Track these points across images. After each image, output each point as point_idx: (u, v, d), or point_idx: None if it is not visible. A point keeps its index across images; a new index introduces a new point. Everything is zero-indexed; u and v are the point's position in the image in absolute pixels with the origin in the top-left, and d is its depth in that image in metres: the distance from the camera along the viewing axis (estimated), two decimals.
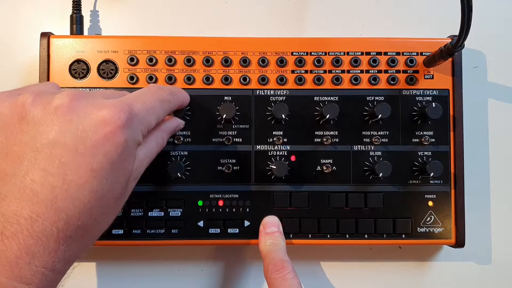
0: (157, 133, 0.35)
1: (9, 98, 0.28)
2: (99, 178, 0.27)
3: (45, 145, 0.26)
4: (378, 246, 0.45)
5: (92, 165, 0.27)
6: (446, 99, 0.42)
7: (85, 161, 0.27)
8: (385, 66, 0.42)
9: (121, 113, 0.28)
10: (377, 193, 0.42)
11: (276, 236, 0.39)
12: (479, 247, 0.46)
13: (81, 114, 0.27)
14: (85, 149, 0.27)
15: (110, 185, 0.28)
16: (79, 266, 0.44)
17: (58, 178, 0.26)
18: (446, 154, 0.42)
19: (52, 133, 0.27)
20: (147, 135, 0.33)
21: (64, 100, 0.28)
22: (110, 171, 0.28)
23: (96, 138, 0.27)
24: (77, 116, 0.27)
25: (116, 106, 0.28)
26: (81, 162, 0.27)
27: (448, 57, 0.39)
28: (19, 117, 0.27)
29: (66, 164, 0.26)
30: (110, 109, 0.28)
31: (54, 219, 0.26)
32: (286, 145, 0.42)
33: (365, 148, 0.42)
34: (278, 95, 0.42)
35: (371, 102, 0.42)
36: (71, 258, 0.28)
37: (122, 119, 0.28)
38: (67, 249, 0.26)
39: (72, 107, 0.27)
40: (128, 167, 0.30)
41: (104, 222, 0.30)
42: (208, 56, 0.42)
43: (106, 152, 0.27)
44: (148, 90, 0.34)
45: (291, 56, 0.42)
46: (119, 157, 0.28)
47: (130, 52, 0.42)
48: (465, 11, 0.33)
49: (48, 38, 0.41)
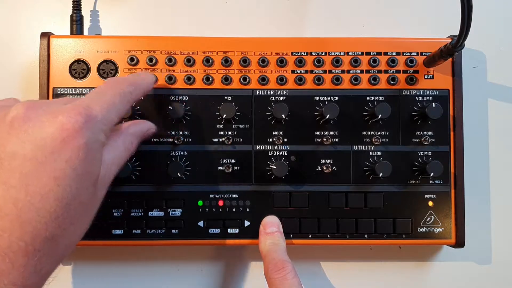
0: (124, 137, 0.34)
1: None
2: (62, 185, 0.26)
3: (4, 159, 0.26)
4: (378, 246, 0.45)
5: (54, 173, 0.26)
6: (446, 99, 0.42)
7: (47, 170, 0.26)
8: (385, 66, 0.42)
9: (77, 116, 0.28)
10: (377, 193, 0.42)
11: (276, 236, 0.39)
12: (479, 247, 0.46)
13: (37, 123, 0.27)
14: (45, 157, 0.26)
15: (76, 191, 0.27)
16: (80, 266, 0.45)
17: (20, 190, 0.25)
18: (446, 154, 0.42)
19: (10, 145, 0.26)
20: (114, 139, 0.32)
21: (20, 110, 0.27)
22: (74, 177, 0.27)
23: (55, 144, 0.27)
24: (34, 125, 0.27)
25: (72, 110, 0.28)
26: (42, 171, 0.26)
27: (448, 57, 0.39)
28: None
29: (27, 175, 0.26)
30: (66, 114, 0.27)
31: (20, 233, 0.25)
32: (286, 145, 0.42)
33: (365, 148, 0.42)
34: (278, 95, 0.42)
35: (371, 102, 0.42)
36: (43, 272, 0.27)
37: (79, 122, 0.27)
38: (37, 263, 0.26)
39: (28, 117, 0.27)
40: (93, 171, 0.29)
41: (75, 231, 0.29)
42: (208, 56, 0.42)
43: (68, 158, 0.27)
44: (105, 86, 0.33)
45: (291, 56, 0.42)
46: (82, 162, 0.27)
47: (130, 52, 0.42)
48: (465, 11, 0.33)
49: (48, 38, 0.41)
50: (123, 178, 0.40)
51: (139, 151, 0.41)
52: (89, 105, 0.29)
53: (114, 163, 0.32)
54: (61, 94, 0.41)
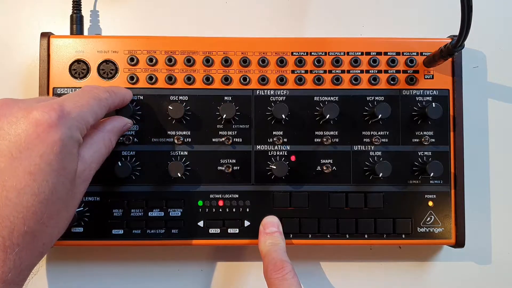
0: (102, 134, 0.35)
1: None
2: (38, 180, 0.27)
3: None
4: (378, 246, 0.45)
5: (30, 167, 0.27)
6: (446, 99, 0.42)
7: (22, 165, 0.27)
8: (385, 66, 0.42)
9: (51, 112, 0.28)
10: (377, 193, 0.42)
11: (276, 236, 0.39)
12: (479, 247, 0.46)
13: (12, 119, 0.27)
14: (20, 152, 0.27)
15: (53, 186, 0.28)
16: (80, 266, 0.45)
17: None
18: (446, 154, 0.42)
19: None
20: (92, 136, 0.33)
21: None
22: (50, 172, 0.27)
23: (30, 140, 0.27)
24: (8, 122, 0.27)
25: (46, 106, 0.28)
26: (17, 166, 0.26)
27: (448, 57, 0.39)
28: None
29: (3, 171, 0.26)
30: (40, 109, 0.28)
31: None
32: (286, 145, 0.42)
33: (365, 148, 0.42)
34: (278, 95, 0.42)
35: (371, 102, 0.42)
36: (23, 267, 0.27)
37: (53, 117, 0.28)
38: (16, 257, 0.26)
39: (3, 114, 0.28)
40: (69, 167, 0.29)
41: (55, 225, 0.29)
42: (208, 56, 0.42)
43: (42, 153, 0.27)
44: (82, 90, 0.34)
45: (291, 56, 0.42)
46: (57, 157, 0.28)
47: (130, 52, 0.42)
48: (465, 11, 0.33)
49: (48, 38, 0.41)
50: (123, 178, 0.40)
51: (139, 151, 0.41)
52: (63, 103, 0.30)
53: (93, 161, 0.33)
54: (61, 94, 0.41)
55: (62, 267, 0.45)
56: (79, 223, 0.41)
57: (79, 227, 0.41)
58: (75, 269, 0.45)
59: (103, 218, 0.41)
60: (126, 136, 0.41)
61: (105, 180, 0.41)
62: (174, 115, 0.40)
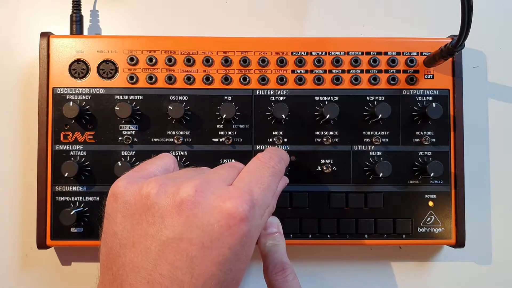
0: (269, 209, 0.34)
1: (132, 186, 0.28)
2: (224, 270, 0.27)
3: (172, 239, 0.26)
4: (378, 246, 0.45)
5: (218, 258, 0.27)
6: (446, 99, 0.42)
7: (211, 255, 0.26)
8: (385, 66, 0.42)
9: (244, 205, 0.28)
10: (377, 193, 0.42)
11: (276, 237, 0.39)
12: (479, 247, 0.46)
13: (206, 207, 0.27)
14: (211, 243, 0.27)
15: (234, 274, 0.28)
16: (80, 266, 0.45)
17: (186, 273, 0.26)
18: (446, 154, 0.42)
19: (178, 227, 0.26)
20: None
21: (190, 193, 0.27)
22: (235, 262, 0.27)
23: (222, 231, 0.27)
24: (203, 210, 0.27)
25: (239, 197, 0.28)
26: (207, 256, 0.26)
27: (448, 57, 0.39)
28: (144, 208, 0.27)
29: (193, 259, 0.26)
30: (233, 201, 0.28)
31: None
32: (286, 145, 0.42)
33: (365, 148, 0.42)
34: (278, 95, 0.42)
35: (371, 102, 0.42)
36: None
37: (246, 211, 0.28)
38: None
39: (198, 201, 0.27)
40: (250, 253, 0.29)
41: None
42: (208, 56, 0.42)
43: (231, 245, 0.27)
44: (261, 166, 0.33)
45: (291, 56, 0.42)
46: (243, 248, 0.28)
47: (130, 52, 0.42)
48: (465, 11, 0.33)
49: (48, 38, 0.41)
50: None
51: (139, 151, 0.41)
52: (252, 189, 0.29)
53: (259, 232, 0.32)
54: (60, 93, 0.41)
55: (62, 267, 0.45)
56: (79, 223, 0.41)
57: (79, 227, 0.41)
58: (75, 269, 0.45)
59: (103, 218, 0.41)
60: (126, 136, 0.41)
61: (105, 180, 0.41)
62: (174, 115, 0.40)
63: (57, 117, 0.41)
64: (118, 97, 0.41)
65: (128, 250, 0.27)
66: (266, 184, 0.31)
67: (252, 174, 0.32)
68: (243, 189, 0.29)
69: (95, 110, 0.41)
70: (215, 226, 0.27)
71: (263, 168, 0.33)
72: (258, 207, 0.29)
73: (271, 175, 0.32)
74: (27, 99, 0.45)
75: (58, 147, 0.41)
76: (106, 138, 0.41)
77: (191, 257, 0.26)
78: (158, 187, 0.28)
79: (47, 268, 0.45)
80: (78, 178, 0.41)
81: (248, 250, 0.29)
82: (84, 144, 0.41)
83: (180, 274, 0.26)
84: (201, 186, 0.28)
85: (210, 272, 0.26)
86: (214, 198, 0.28)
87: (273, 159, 0.34)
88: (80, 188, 0.41)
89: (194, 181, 0.28)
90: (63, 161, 0.40)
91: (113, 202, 0.29)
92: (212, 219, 0.27)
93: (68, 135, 0.41)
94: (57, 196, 0.41)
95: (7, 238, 0.45)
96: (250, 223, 0.28)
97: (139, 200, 0.28)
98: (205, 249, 0.26)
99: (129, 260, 0.26)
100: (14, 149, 0.45)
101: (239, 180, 0.31)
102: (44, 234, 0.41)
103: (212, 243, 0.27)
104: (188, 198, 0.27)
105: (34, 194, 0.41)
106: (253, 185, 0.30)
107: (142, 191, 0.28)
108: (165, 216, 0.27)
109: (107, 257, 0.28)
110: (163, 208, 0.27)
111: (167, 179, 0.29)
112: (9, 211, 0.45)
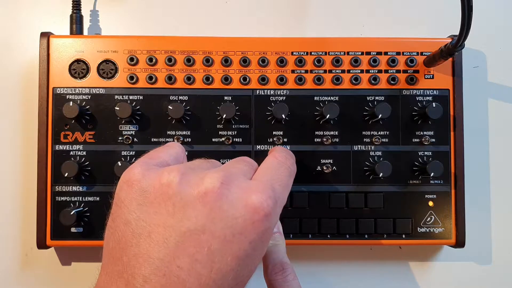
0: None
1: (150, 174, 0.27)
2: (242, 265, 0.26)
3: (193, 231, 0.25)
4: (378, 246, 0.45)
5: (238, 252, 0.26)
6: (446, 99, 0.42)
7: (232, 249, 0.26)
8: (385, 66, 0.42)
9: (268, 200, 0.27)
10: (377, 193, 0.42)
11: (276, 237, 0.39)
12: (479, 247, 0.46)
13: (231, 200, 0.26)
14: (233, 236, 0.26)
15: (250, 269, 0.27)
16: (80, 266, 0.45)
17: (205, 266, 0.25)
18: (446, 154, 0.42)
19: (201, 219, 0.25)
20: None
21: (215, 184, 0.26)
22: (253, 257, 0.27)
23: (245, 225, 0.26)
24: (228, 202, 0.26)
25: (264, 192, 0.27)
26: (228, 249, 0.25)
27: (448, 57, 0.39)
28: (165, 197, 0.26)
29: (214, 252, 0.25)
30: (258, 195, 0.27)
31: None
32: (286, 145, 0.42)
33: (365, 148, 0.42)
34: (278, 95, 0.42)
35: (371, 102, 0.42)
36: None
37: (270, 206, 0.27)
38: None
39: (223, 193, 0.26)
40: (264, 251, 0.29)
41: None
42: (208, 56, 0.42)
43: (252, 240, 0.26)
44: (278, 165, 0.32)
45: (291, 56, 0.42)
46: (263, 244, 0.27)
47: (130, 52, 0.42)
48: (465, 11, 0.33)
49: (48, 38, 0.41)
50: None
51: (139, 151, 0.41)
52: (275, 186, 0.29)
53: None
54: (60, 93, 0.41)
55: (62, 267, 0.45)
56: (79, 223, 0.41)
57: (79, 227, 0.41)
58: (75, 269, 0.45)
59: (103, 218, 0.40)
60: (126, 136, 0.41)
61: (105, 180, 0.41)
62: (174, 115, 0.40)
63: (57, 117, 0.41)
64: (118, 97, 0.41)
65: (143, 240, 0.25)
66: (285, 183, 0.31)
67: (272, 171, 0.31)
68: (266, 185, 0.28)
69: (95, 110, 0.41)
70: (239, 220, 0.26)
71: (280, 167, 0.32)
72: (279, 205, 0.28)
73: (289, 175, 0.32)
74: (27, 99, 0.45)
75: (58, 147, 0.41)
76: (106, 138, 0.41)
77: (212, 250, 0.25)
78: (180, 176, 0.26)
79: (47, 268, 0.45)
80: (78, 178, 0.41)
81: (265, 247, 0.28)
82: (84, 144, 0.41)
83: (200, 267, 0.25)
84: (227, 178, 0.27)
85: (230, 266, 0.25)
86: (239, 191, 0.27)
87: (289, 159, 0.33)
88: (80, 188, 0.41)
89: (218, 172, 0.27)
90: (63, 161, 0.40)
91: (128, 189, 0.27)
92: (236, 212, 0.26)
93: (68, 135, 0.41)
94: (57, 196, 0.41)
95: (7, 238, 0.45)
96: (272, 220, 0.27)
97: (159, 189, 0.26)
98: (227, 243, 0.25)
99: (144, 250, 0.25)
100: (14, 149, 0.45)
101: (260, 175, 0.30)
102: (44, 234, 0.41)
103: (234, 236, 0.26)
104: (213, 190, 0.26)
105: (34, 194, 0.41)
106: (274, 182, 0.30)
107: (162, 180, 0.26)
108: (188, 207, 0.25)
109: (117, 246, 0.26)
110: (185, 198, 0.26)
111: (188, 169, 0.28)
112: (9, 211, 0.45)
